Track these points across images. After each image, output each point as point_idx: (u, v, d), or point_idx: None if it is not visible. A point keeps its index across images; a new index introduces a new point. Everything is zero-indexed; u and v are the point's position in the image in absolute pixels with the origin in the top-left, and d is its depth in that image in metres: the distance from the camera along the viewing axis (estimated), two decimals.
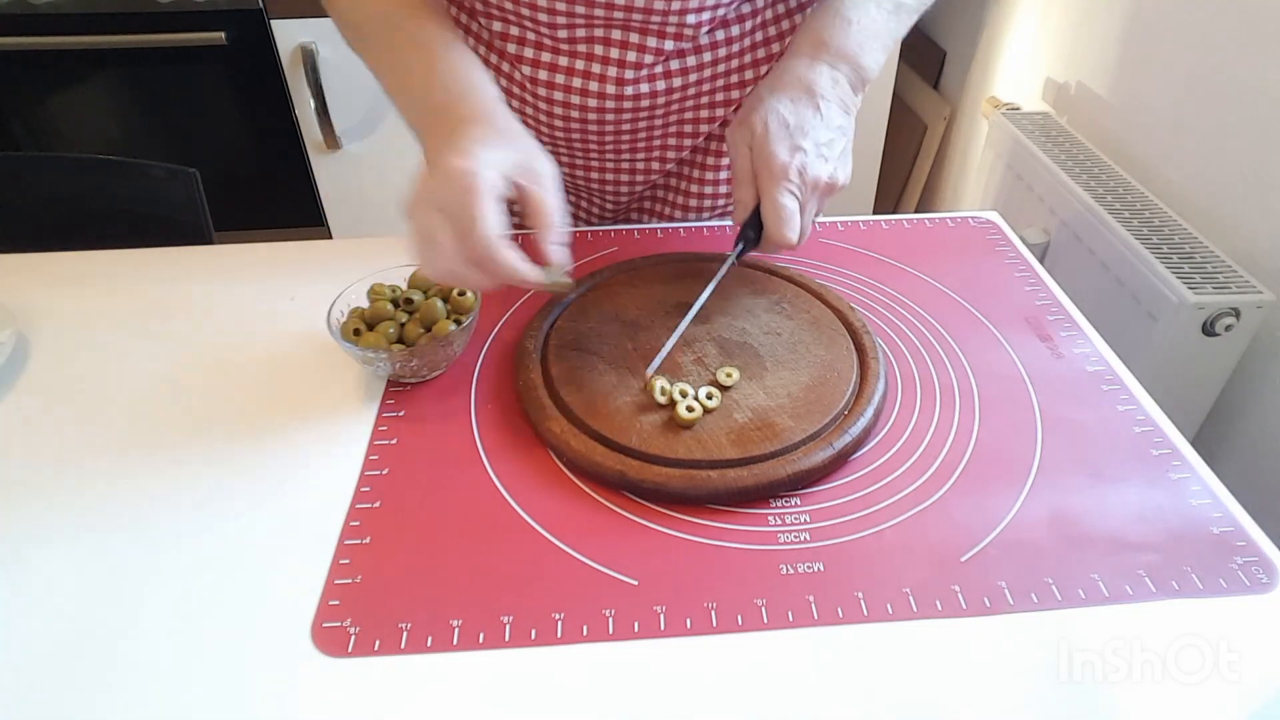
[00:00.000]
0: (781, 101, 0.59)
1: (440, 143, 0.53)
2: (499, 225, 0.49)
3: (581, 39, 0.64)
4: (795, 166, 0.57)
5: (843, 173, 0.60)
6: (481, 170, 0.49)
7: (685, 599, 0.45)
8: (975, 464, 0.53)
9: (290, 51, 1.52)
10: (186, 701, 0.41)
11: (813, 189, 0.58)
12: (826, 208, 0.62)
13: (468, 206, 0.48)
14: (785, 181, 0.57)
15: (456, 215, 0.49)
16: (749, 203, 0.59)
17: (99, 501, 0.51)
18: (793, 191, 0.57)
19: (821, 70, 0.60)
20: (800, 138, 0.58)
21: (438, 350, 0.57)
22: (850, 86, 0.61)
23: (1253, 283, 0.98)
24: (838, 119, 0.59)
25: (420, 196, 0.51)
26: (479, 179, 0.49)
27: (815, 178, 0.57)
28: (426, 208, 0.50)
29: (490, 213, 0.49)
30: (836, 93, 0.60)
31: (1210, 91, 1.08)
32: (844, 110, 0.60)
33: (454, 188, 0.49)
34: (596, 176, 0.76)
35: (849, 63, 0.60)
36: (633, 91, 0.66)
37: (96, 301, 0.68)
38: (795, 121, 0.58)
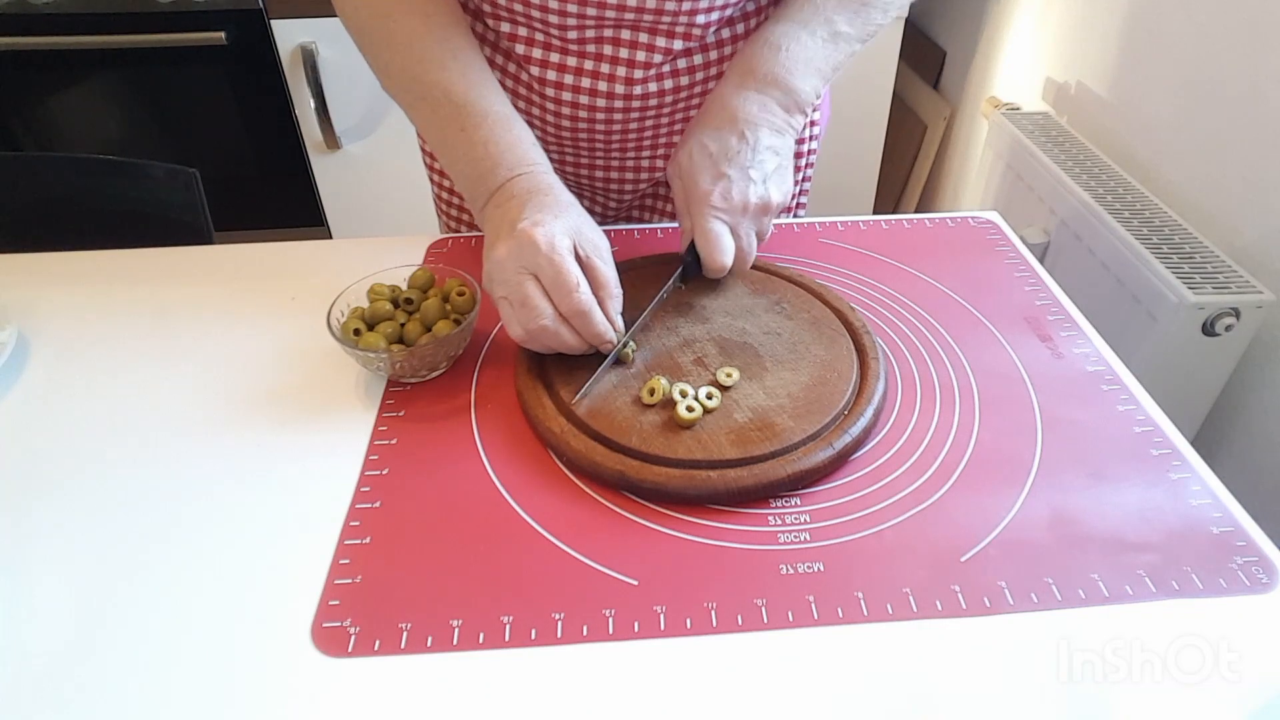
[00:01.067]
0: (706, 132, 0.61)
1: (503, 214, 0.56)
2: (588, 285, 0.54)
3: (591, 39, 0.64)
4: (718, 192, 0.60)
5: (777, 191, 0.62)
6: (558, 234, 0.54)
7: (685, 599, 0.45)
8: (975, 464, 0.53)
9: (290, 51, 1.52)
10: (186, 701, 0.41)
11: (742, 211, 0.60)
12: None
13: (561, 269, 0.53)
14: (709, 208, 0.60)
15: (552, 277, 0.53)
16: (689, 231, 0.62)
17: (98, 501, 0.51)
18: (719, 217, 0.60)
19: (748, 96, 0.61)
20: (724, 164, 0.60)
21: (438, 350, 0.57)
22: (782, 109, 0.62)
23: (1253, 283, 0.98)
24: (766, 140, 0.61)
25: (506, 262, 0.54)
26: (560, 243, 0.53)
27: (742, 200, 0.60)
28: (517, 271, 0.53)
29: (579, 273, 0.53)
30: (765, 115, 0.61)
31: (1210, 91, 1.08)
32: (775, 131, 0.62)
33: (541, 253, 0.53)
34: (601, 175, 0.77)
35: (778, 87, 0.62)
36: (641, 91, 0.67)
37: (96, 301, 0.68)
38: (718, 148, 0.60)
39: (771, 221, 0.63)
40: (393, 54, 0.62)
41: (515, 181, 0.58)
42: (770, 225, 0.64)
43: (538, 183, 0.58)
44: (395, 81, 0.64)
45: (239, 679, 0.42)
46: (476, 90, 0.61)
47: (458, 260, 0.72)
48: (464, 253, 0.73)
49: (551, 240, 0.53)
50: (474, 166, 0.60)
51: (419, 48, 0.61)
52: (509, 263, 0.54)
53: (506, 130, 0.60)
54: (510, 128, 0.61)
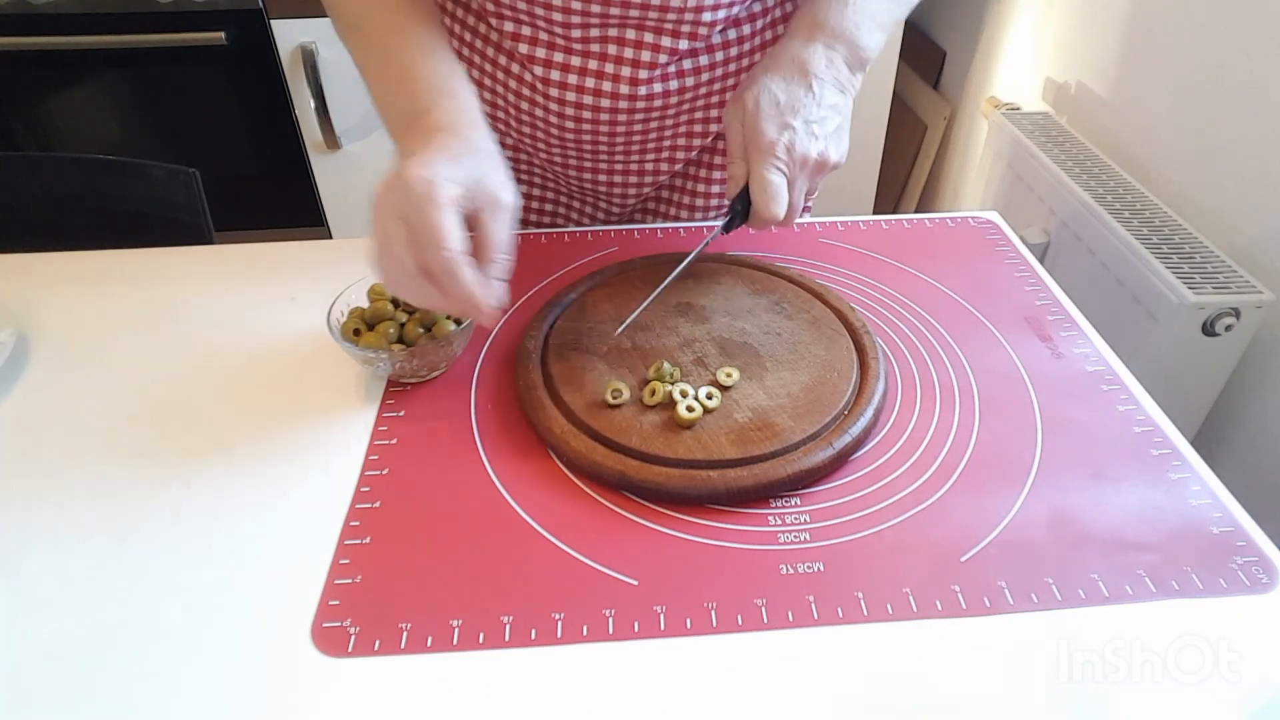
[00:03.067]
0: (774, 80, 0.59)
1: (409, 149, 0.52)
2: (461, 241, 0.48)
3: (595, 38, 0.64)
4: (783, 143, 0.58)
5: (835, 150, 0.60)
6: (442, 181, 0.48)
7: (685, 599, 0.45)
8: (975, 464, 0.53)
9: (290, 51, 1.52)
10: (186, 701, 0.41)
11: (801, 165, 0.59)
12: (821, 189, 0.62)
13: (429, 219, 0.47)
14: (772, 158, 0.58)
15: (418, 227, 0.48)
16: (740, 178, 0.60)
17: (98, 501, 0.51)
18: (779, 168, 0.58)
19: (816, 50, 0.60)
20: (790, 115, 0.58)
21: (438, 350, 0.57)
22: (847, 66, 0.61)
23: (1253, 283, 0.98)
24: (831, 97, 0.60)
25: (383, 202, 0.50)
26: (440, 190, 0.48)
27: (804, 154, 0.58)
28: (389, 215, 0.49)
29: (453, 227, 0.48)
30: (831, 72, 0.60)
31: (1210, 91, 1.08)
32: (839, 89, 0.61)
33: (414, 197, 0.48)
34: (605, 179, 0.76)
35: (845, 42, 0.61)
36: (645, 91, 0.66)
37: (96, 301, 0.68)
38: (786, 99, 0.59)
39: (820, 182, 0.62)
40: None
41: (429, 115, 0.54)
42: (819, 184, 0.62)
43: (451, 118, 0.54)
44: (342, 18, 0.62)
45: (239, 679, 0.42)
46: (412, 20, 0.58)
47: None
48: None
49: (431, 186, 0.48)
50: (393, 98, 0.57)
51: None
52: (382, 203, 0.49)
53: (428, 58, 0.57)
54: (432, 57, 0.57)
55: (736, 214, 0.61)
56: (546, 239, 0.75)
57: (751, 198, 0.59)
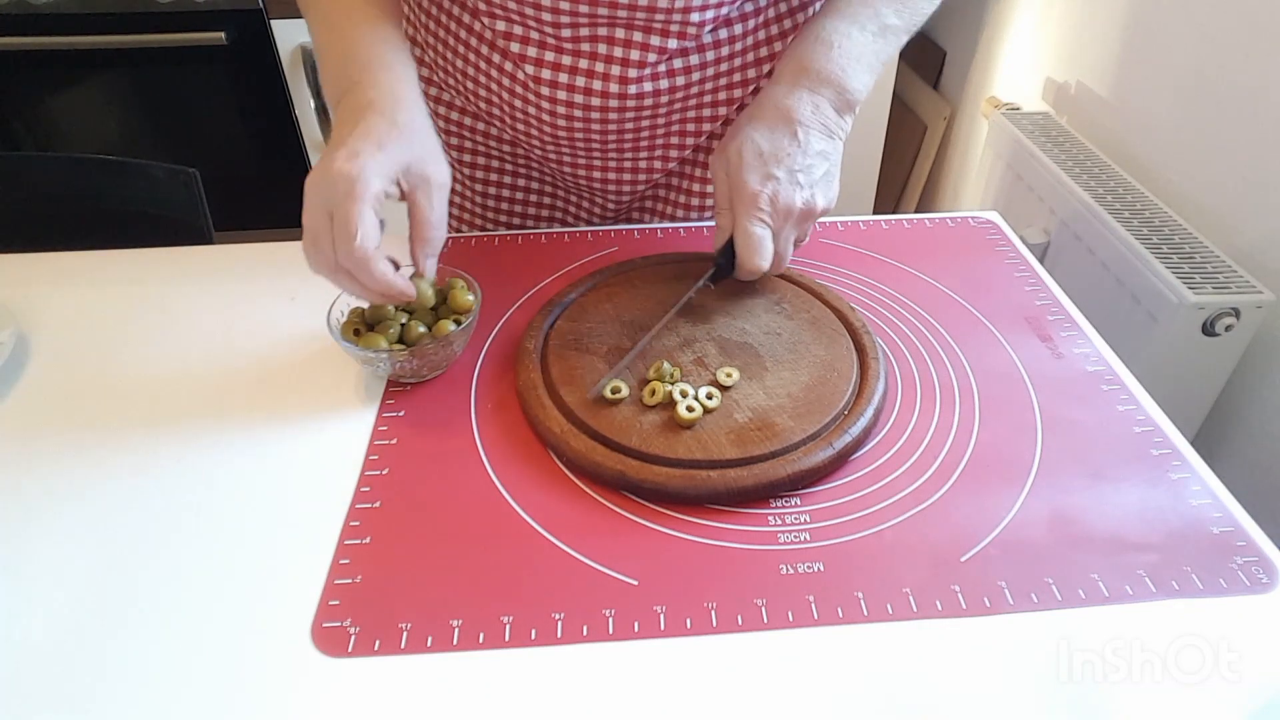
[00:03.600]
0: (758, 130, 0.60)
1: (340, 133, 0.53)
2: (373, 237, 0.50)
3: (585, 38, 0.64)
4: (766, 195, 0.58)
5: (823, 197, 0.61)
6: (364, 176, 0.50)
7: (685, 599, 0.45)
8: (975, 464, 0.53)
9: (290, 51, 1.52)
10: (186, 701, 0.41)
11: (785, 216, 0.59)
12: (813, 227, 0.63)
13: (348, 215, 0.49)
14: (755, 210, 0.58)
15: (340, 222, 0.49)
16: (727, 229, 0.61)
17: (98, 500, 0.51)
18: (763, 220, 0.59)
19: (801, 96, 0.60)
20: (774, 165, 0.59)
21: (438, 350, 0.57)
22: (834, 110, 0.61)
23: (1253, 283, 0.98)
24: (818, 144, 0.60)
25: (311, 193, 0.51)
26: (360, 185, 0.49)
27: (788, 205, 0.59)
28: (316, 207, 0.50)
29: (368, 223, 0.49)
30: (817, 118, 0.60)
31: (1210, 91, 1.08)
32: (826, 135, 0.61)
33: (337, 191, 0.49)
34: (599, 176, 0.76)
35: (831, 86, 0.61)
36: (636, 90, 0.66)
37: (96, 301, 0.68)
38: (769, 149, 0.59)
39: (811, 228, 0.62)
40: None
41: (360, 89, 0.54)
42: (810, 232, 0.63)
43: (381, 94, 0.54)
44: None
45: (239, 679, 0.42)
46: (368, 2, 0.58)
47: (458, 260, 0.71)
48: (464, 253, 0.73)
49: (352, 183, 0.49)
50: (331, 71, 0.57)
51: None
52: (310, 194, 0.51)
53: (369, 30, 0.57)
54: (375, 28, 0.57)
55: (722, 266, 0.61)
56: (546, 239, 0.75)
57: (736, 249, 0.59)
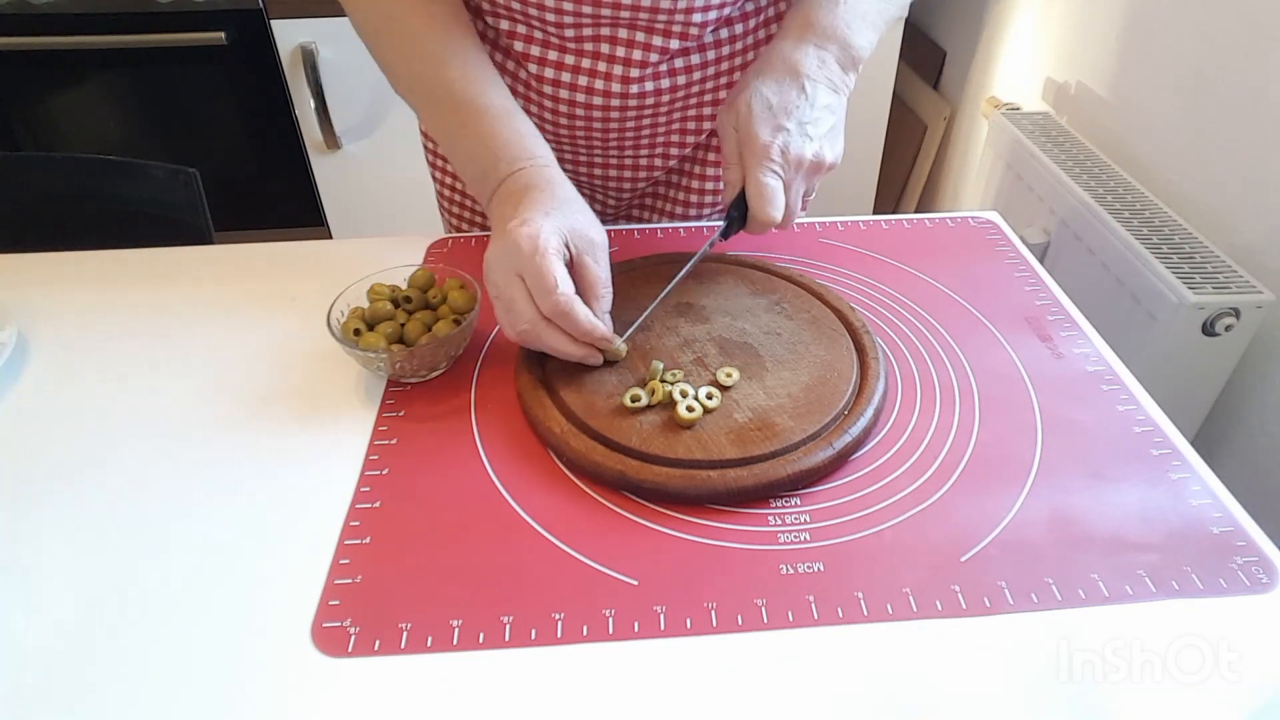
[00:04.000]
0: (766, 83, 0.60)
1: (501, 211, 0.57)
2: (569, 284, 0.53)
3: (588, 38, 0.65)
4: (777, 146, 0.58)
5: (830, 151, 0.61)
6: (544, 233, 0.53)
7: (685, 599, 0.45)
8: (975, 464, 0.53)
9: (290, 51, 1.52)
10: (186, 701, 0.41)
11: (796, 167, 0.59)
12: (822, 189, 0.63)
13: (541, 269, 0.52)
14: (767, 161, 0.58)
15: (533, 279, 0.52)
16: (736, 183, 0.61)
17: (98, 501, 0.51)
18: (775, 170, 0.59)
19: (808, 50, 0.60)
20: (783, 118, 0.59)
21: (438, 350, 0.57)
22: (839, 65, 0.61)
23: (1253, 283, 0.98)
24: (824, 98, 0.60)
25: (495, 262, 0.54)
26: (546, 243, 0.53)
27: (799, 156, 0.59)
28: (504, 273, 0.54)
29: (563, 273, 0.53)
30: (823, 72, 0.60)
31: (1210, 91, 1.08)
32: (832, 89, 0.61)
33: (523, 253, 0.52)
34: (600, 173, 0.77)
35: (836, 42, 0.61)
36: (638, 90, 0.67)
37: (96, 301, 0.68)
38: (778, 102, 0.59)
39: (819, 181, 0.63)
40: (396, 54, 0.63)
41: (515, 177, 0.58)
42: (817, 186, 0.63)
43: (536, 178, 0.58)
44: (401, 82, 0.64)
45: (239, 679, 0.42)
46: (476, 86, 0.61)
47: (458, 260, 0.71)
48: (464, 253, 0.73)
49: (535, 240, 0.53)
50: (476, 163, 0.60)
51: (420, 47, 0.61)
52: (496, 264, 0.54)
53: (506, 124, 0.60)
54: (510, 121, 0.60)
55: (734, 219, 0.61)
56: None
57: (748, 202, 0.59)
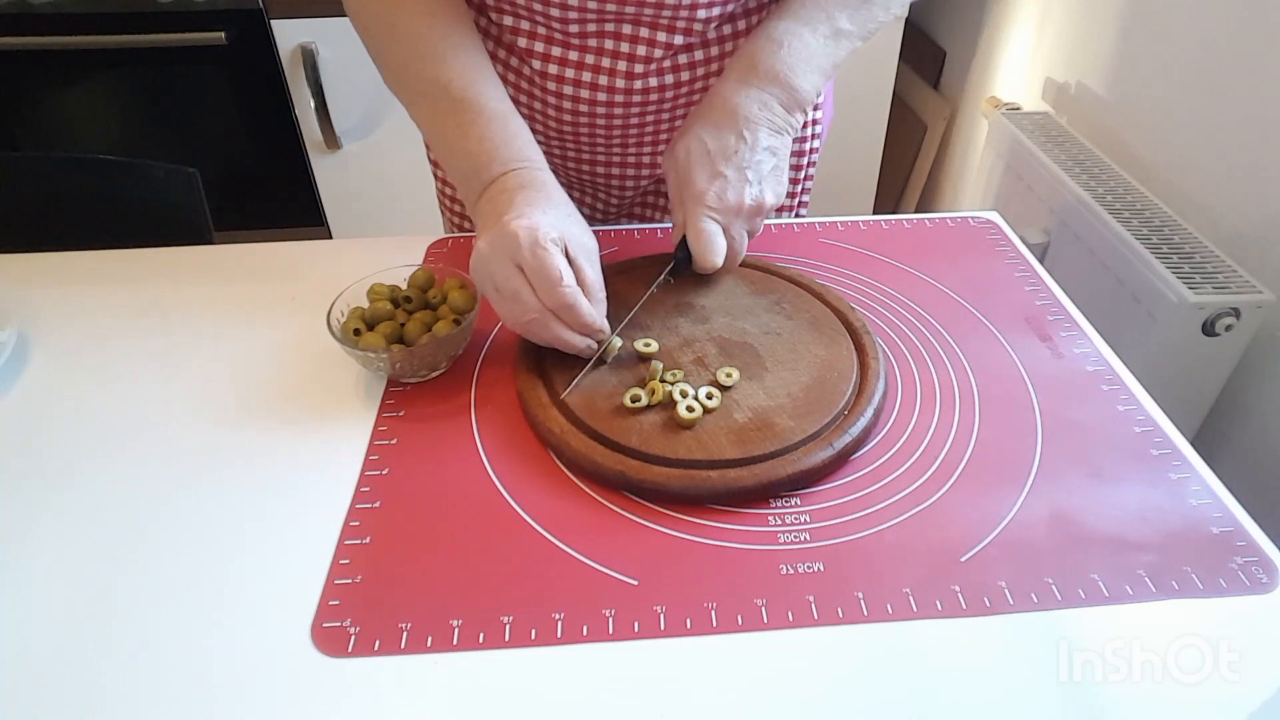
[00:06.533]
0: (706, 129, 0.61)
1: (492, 208, 0.57)
2: (573, 277, 0.53)
3: (592, 33, 0.65)
4: (713, 192, 0.60)
5: (771, 193, 0.62)
6: (542, 226, 0.54)
7: (685, 599, 0.45)
8: (975, 464, 0.53)
9: (290, 51, 1.52)
10: (186, 701, 0.41)
11: (735, 212, 0.60)
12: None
13: (544, 262, 0.52)
14: (704, 207, 0.60)
15: (536, 270, 0.53)
16: (681, 226, 0.62)
17: (98, 501, 0.51)
18: (712, 217, 0.60)
19: (749, 94, 0.61)
20: (721, 164, 0.60)
21: (438, 350, 0.57)
22: (783, 107, 0.62)
23: (1253, 283, 0.98)
24: (765, 140, 0.61)
25: (491, 255, 0.54)
26: (541, 233, 0.53)
27: (737, 201, 0.60)
28: (503, 265, 0.53)
29: (565, 266, 0.53)
30: (765, 114, 0.61)
31: (1210, 91, 1.08)
32: (774, 131, 0.62)
33: (523, 246, 0.53)
34: (603, 171, 0.77)
35: (779, 85, 0.61)
36: (641, 86, 0.67)
37: (96, 301, 0.68)
38: (716, 147, 0.60)
39: (764, 221, 0.64)
40: (394, 49, 0.63)
41: (507, 177, 0.58)
42: (761, 225, 0.64)
43: (529, 179, 0.58)
44: (395, 77, 0.64)
45: (239, 679, 0.42)
46: (474, 86, 0.61)
47: (458, 260, 0.71)
48: (464, 253, 0.73)
49: (535, 233, 0.53)
50: (468, 162, 0.60)
51: (420, 44, 0.61)
52: (493, 256, 0.54)
53: (502, 126, 0.60)
54: (506, 123, 0.60)
55: (679, 261, 0.62)
56: None
57: (690, 246, 0.61)
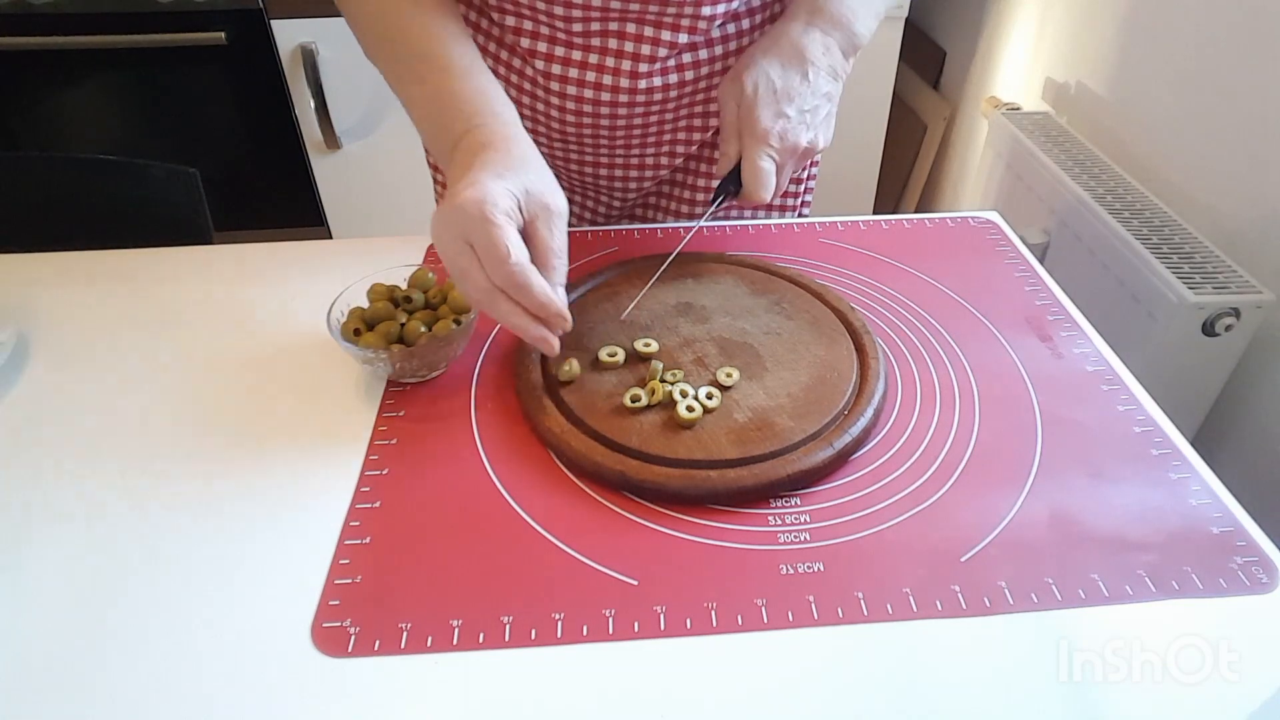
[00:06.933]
0: (772, 65, 0.61)
1: (456, 174, 0.54)
2: (522, 253, 0.50)
3: (596, 32, 0.65)
4: (777, 132, 0.60)
5: (824, 137, 0.63)
6: (491, 196, 0.49)
7: (685, 599, 0.45)
8: (975, 464, 0.53)
9: (290, 51, 1.52)
10: (186, 701, 0.41)
11: (791, 153, 0.61)
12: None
13: (492, 238, 0.49)
14: (766, 146, 0.60)
15: (484, 246, 0.49)
16: (733, 157, 0.62)
17: (98, 501, 0.51)
18: (772, 155, 0.60)
19: (814, 36, 0.62)
20: (785, 104, 0.60)
21: (438, 350, 0.57)
22: (841, 53, 0.63)
23: (1253, 283, 0.98)
24: (825, 85, 0.62)
25: (443, 228, 0.51)
26: (495, 210, 0.49)
27: (795, 143, 0.61)
28: (454, 240, 0.50)
29: (515, 241, 0.49)
30: (827, 59, 0.62)
31: (1210, 91, 1.08)
32: (832, 76, 0.62)
33: (472, 219, 0.49)
34: (605, 173, 0.77)
35: (841, 29, 0.62)
36: (645, 85, 0.67)
37: (96, 301, 0.68)
38: (782, 86, 0.60)
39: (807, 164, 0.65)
40: (363, 6, 0.61)
41: (471, 135, 0.55)
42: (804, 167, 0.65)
43: (493, 136, 0.55)
44: (364, 34, 0.62)
45: (239, 679, 0.42)
46: (439, 42, 0.59)
47: None
48: None
49: (483, 204, 0.49)
50: (434, 121, 0.58)
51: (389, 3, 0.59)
52: (442, 230, 0.51)
53: (465, 81, 0.57)
54: (469, 78, 0.58)
55: (727, 193, 0.63)
56: None
57: (744, 180, 0.61)
